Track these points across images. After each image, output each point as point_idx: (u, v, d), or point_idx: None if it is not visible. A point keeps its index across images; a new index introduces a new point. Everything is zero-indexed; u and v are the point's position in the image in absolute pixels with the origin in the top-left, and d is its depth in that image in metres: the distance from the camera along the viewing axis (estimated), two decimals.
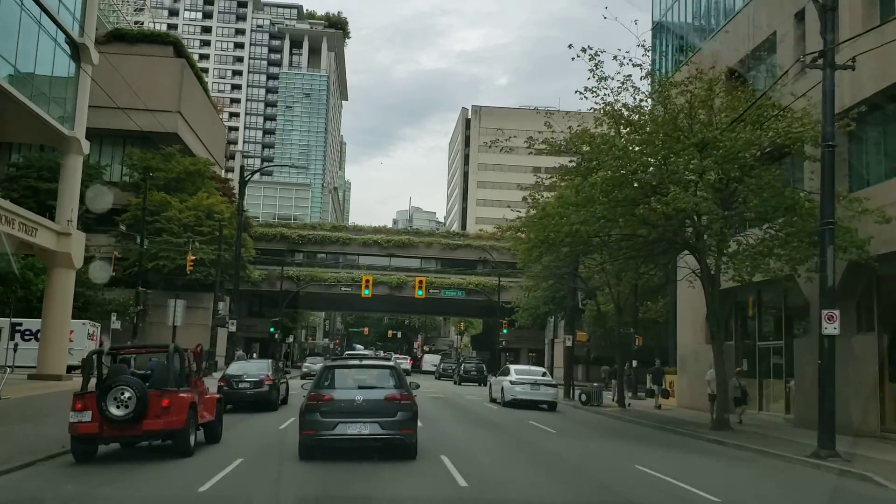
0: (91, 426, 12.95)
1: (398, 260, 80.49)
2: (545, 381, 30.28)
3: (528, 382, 29.79)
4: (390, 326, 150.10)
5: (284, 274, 74.74)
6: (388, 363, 15.78)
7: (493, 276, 77.21)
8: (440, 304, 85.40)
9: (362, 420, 13.28)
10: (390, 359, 21.07)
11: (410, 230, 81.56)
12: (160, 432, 13.51)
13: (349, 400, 13.52)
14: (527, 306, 57.34)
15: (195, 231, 56.23)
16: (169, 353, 14.29)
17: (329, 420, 13.30)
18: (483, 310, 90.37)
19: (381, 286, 75.34)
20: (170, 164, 60.25)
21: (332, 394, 13.69)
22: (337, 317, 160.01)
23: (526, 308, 57.68)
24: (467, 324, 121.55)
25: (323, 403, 13.44)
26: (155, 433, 13.51)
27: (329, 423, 13.28)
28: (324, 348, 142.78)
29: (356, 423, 13.26)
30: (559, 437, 20.45)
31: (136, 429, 13.11)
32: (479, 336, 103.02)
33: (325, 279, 74.56)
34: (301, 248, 78.57)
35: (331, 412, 13.35)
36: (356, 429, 13.24)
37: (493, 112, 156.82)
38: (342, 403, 13.46)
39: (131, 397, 12.90)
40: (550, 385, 30.27)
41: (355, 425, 13.25)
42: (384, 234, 79.82)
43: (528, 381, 29.89)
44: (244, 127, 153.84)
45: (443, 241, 79.75)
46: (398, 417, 13.44)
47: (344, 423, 13.26)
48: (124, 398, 12.92)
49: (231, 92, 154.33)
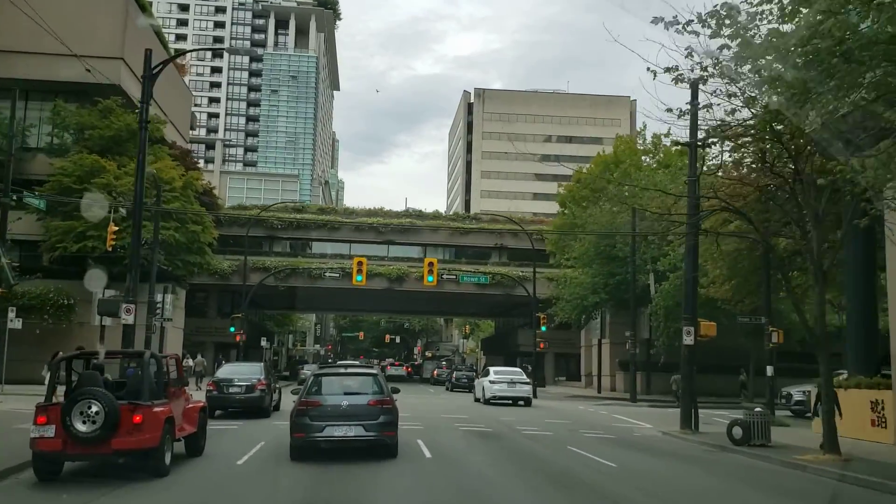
0: (54, 442, 12.03)
1: (398, 249, 67.34)
2: (521, 379, 33.79)
3: (505, 381, 33.18)
4: (388, 330, 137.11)
5: (260, 265, 61.57)
6: (372, 371, 16.87)
7: (515, 265, 64.22)
8: (448, 301, 72.07)
9: (348, 423, 14.32)
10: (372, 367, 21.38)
11: (412, 212, 68.36)
12: (131, 451, 12.40)
13: (336, 405, 14.58)
14: (571, 296, 44.00)
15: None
16: (143, 361, 13.48)
17: (317, 423, 14.30)
18: (498, 307, 77.17)
19: (377, 278, 62.16)
20: (108, 120, 47.16)
21: (321, 399, 14.74)
22: (329, 321, 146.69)
23: (569, 299, 44.35)
24: (473, 326, 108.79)
25: (312, 408, 14.45)
26: (125, 452, 12.44)
27: (318, 427, 14.27)
28: (315, 356, 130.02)
29: (342, 426, 14.29)
30: None
31: (104, 447, 12.16)
32: (492, 339, 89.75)
33: (311, 269, 61.36)
34: (281, 235, 65.33)
35: (319, 416, 14.35)
36: (342, 431, 14.28)
37: (498, 95, 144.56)
38: (329, 408, 14.52)
39: (99, 412, 11.98)
40: (525, 383, 33.88)
41: (341, 428, 14.28)
42: (381, 216, 66.69)
43: (506, 380, 33.34)
44: (225, 113, 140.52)
45: (451, 226, 66.65)
46: (380, 420, 14.47)
47: (331, 426, 14.27)
48: (91, 412, 11.99)
49: (210, 75, 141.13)
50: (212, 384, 23.84)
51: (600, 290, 41.64)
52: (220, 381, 23.76)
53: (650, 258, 38.96)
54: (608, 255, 42.35)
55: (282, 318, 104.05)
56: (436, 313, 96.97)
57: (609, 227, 41.60)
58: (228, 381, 23.58)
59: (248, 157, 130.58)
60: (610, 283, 41.69)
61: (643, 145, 50.40)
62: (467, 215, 69.14)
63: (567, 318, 47.14)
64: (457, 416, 27.28)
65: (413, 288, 62.49)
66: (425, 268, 40.84)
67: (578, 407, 35.83)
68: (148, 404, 12.55)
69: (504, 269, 63.31)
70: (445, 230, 66.52)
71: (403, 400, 20.48)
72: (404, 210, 68.25)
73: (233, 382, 23.48)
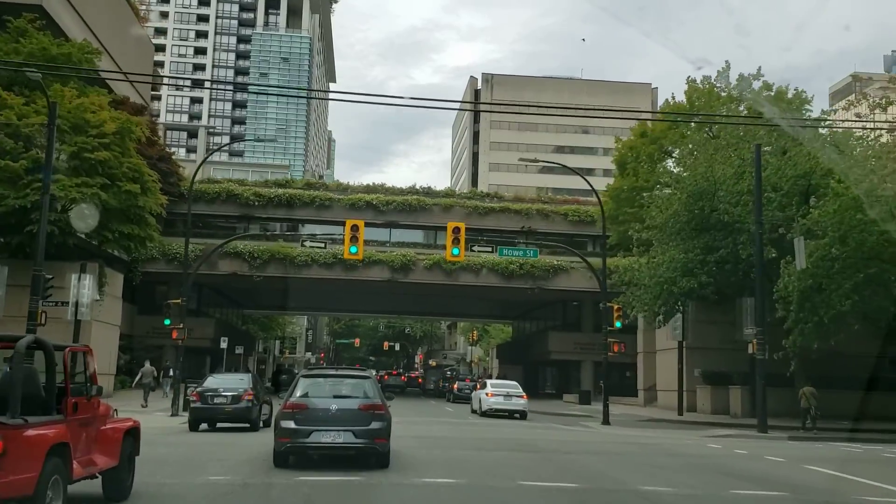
0: None
1: (402, 233, 55.23)
2: (516, 392, 33.06)
3: (501, 395, 32.75)
4: (386, 337, 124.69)
5: (231, 251, 49.42)
6: (364, 374, 15.36)
7: (546, 252, 52.17)
8: (462, 298, 59.92)
9: (336, 428, 13.27)
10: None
11: (420, 189, 56.13)
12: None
13: (325, 408, 13.50)
14: (653, 282, 31.51)
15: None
16: (15, 354, 8.47)
17: (304, 428, 13.24)
18: (521, 306, 64.98)
19: (377, 267, 50.08)
20: (18, 43, 35.19)
21: (308, 402, 13.67)
22: (323, 326, 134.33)
23: (650, 285, 31.85)
24: (481, 332, 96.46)
25: (298, 411, 13.39)
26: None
27: (304, 431, 13.23)
28: (306, 364, 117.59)
29: (331, 432, 13.26)
30: None
31: None
32: (509, 346, 77.38)
33: (292, 256, 49.19)
34: (258, 213, 53.14)
35: (306, 420, 13.30)
36: (331, 437, 13.25)
37: (507, 81, 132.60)
38: (317, 412, 13.47)
39: None
40: (520, 397, 32.88)
41: (330, 433, 13.26)
42: (381, 193, 54.53)
43: (502, 393, 32.91)
44: (210, 98, 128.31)
45: (468, 204, 54.53)
46: (372, 426, 13.37)
47: (318, 431, 13.26)
48: None
49: (194, 57, 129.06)
50: (196, 395, 22.61)
51: (697, 271, 29.29)
52: (205, 392, 22.39)
53: (781, 219, 26.75)
54: (704, 224, 30.20)
55: (267, 321, 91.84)
56: (443, 315, 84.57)
57: (706, 183, 29.50)
58: (214, 392, 22.28)
59: (234, 147, 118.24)
60: (708, 262, 29.38)
61: (726, 90, 38.26)
62: (487, 193, 57.16)
63: (643, 312, 34.85)
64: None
65: (421, 279, 50.43)
66: (449, 236, 28.60)
67: (684, 440, 23.62)
68: (16, 423, 7.82)
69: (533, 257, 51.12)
70: (460, 210, 54.38)
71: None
72: (410, 186, 56.13)
73: (218, 393, 22.18)
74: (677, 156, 37.19)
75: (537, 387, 69.68)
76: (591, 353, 54.52)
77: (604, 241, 34.08)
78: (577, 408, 42.71)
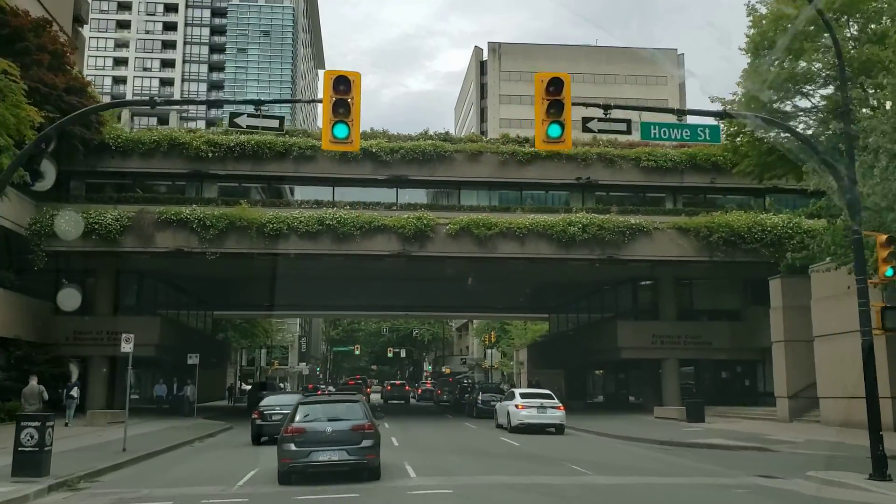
0: None
1: (412, 192, 40.64)
2: (551, 403, 28.46)
3: (533, 406, 28.22)
4: (390, 342, 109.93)
5: (175, 218, 34.93)
6: (354, 398, 17.08)
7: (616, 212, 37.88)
8: (494, 280, 45.30)
9: (332, 448, 14.65)
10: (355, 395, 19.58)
11: (437, 135, 41.50)
12: None
13: (320, 431, 14.89)
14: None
15: None
16: None
17: (303, 449, 14.64)
18: (570, 291, 50.39)
19: (382, 235, 35.55)
20: None
21: (306, 426, 15.04)
22: (319, 331, 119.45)
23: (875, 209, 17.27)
24: (500, 333, 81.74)
25: (297, 435, 14.78)
26: None
27: (303, 452, 14.63)
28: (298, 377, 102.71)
29: (327, 451, 14.63)
30: None
31: None
32: (544, 346, 62.56)
33: (260, 223, 34.63)
34: (214, 169, 38.44)
35: (304, 442, 14.70)
36: (327, 455, 14.60)
37: (517, 50, 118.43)
38: (314, 434, 14.83)
39: None
40: (556, 408, 28.27)
41: (326, 453, 14.61)
42: (384, 139, 39.86)
43: (534, 404, 28.34)
44: (181, 79, 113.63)
45: (503, 150, 39.84)
46: (363, 444, 14.74)
47: (316, 451, 14.62)
48: None
49: (163, 33, 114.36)
50: (256, 413, 24.54)
51: None
52: (264, 410, 24.18)
53: None
54: None
55: (249, 326, 77.01)
56: (458, 311, 69.51)
57: None
58: (272, 409, 23.80)
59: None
60: None
61: None
62: (527, 138, 42.58)
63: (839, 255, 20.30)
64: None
65: (442, 250, 36.05)
66: (540, 98, 13.96)
67: None
68: None
69: (601, 216, 36.57)
70: (493, 158, 39.85)
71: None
72: (422, 133, 41.45)
73: (276, 411, 23.36)
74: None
75: (584, 396, 55.05)
76: (677, 348, 40.01)
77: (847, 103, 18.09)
78: (695, 429, 28.01)
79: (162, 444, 22.92)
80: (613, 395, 53.39)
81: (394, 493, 13.55)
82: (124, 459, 18.65)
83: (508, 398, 30.91)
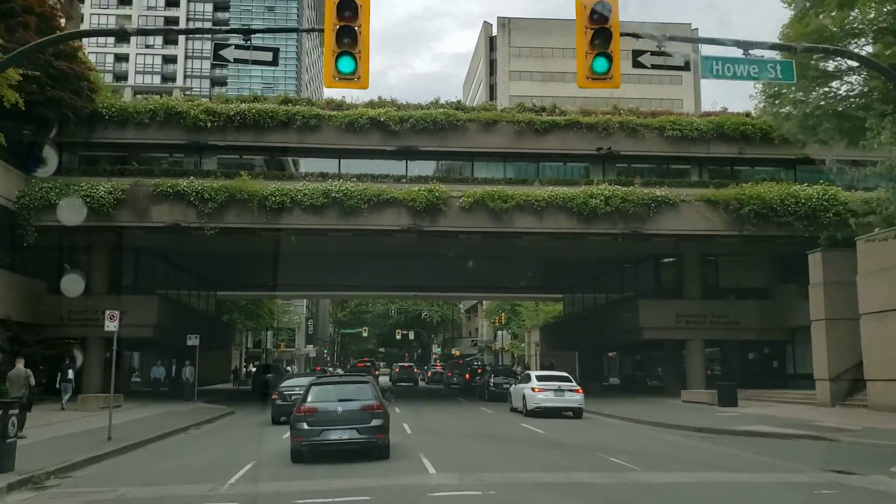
0: None
1: (422, 164, 38.50)
2: (569, 386, 27.31)
3: (551, 389, 26.92)
4: (398, 324, 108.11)
5: (171, 191, 32.94)
6: (364, 379, 17.22)
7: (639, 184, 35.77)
8: (510, 258, 43.28)
9: (342, 427, 15.05)
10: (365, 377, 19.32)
11: (449, 104, 39.32)
12: None
13: (331, 411, 15.27)
14: None
15: None
16: None
17: (315, 428, 15.02)
18: (587, 269, 48.40)
19: (391, 210, 33.48)
20: None
21: (317, 406, 15.34)
22: (326, 313, 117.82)
23: None
24: (510, 314, 79.88)
25: (309, 415, 15.13)
26: None
27: (315, 431, 15.01)
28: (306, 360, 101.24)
29: (337, 430, 15.02)
30: None
31: None
32: (558, 328, 60.53)
33: (262, 196, 32.60)
34: (213, 139, 36.34)
35: (316, 422, 15.06)
36: (338, 434, 14.99)
37: (527, 25, 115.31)
38: (325, 414, 15.19)
39: None
40: (574, 391, 27.04)
41: (336, 432, 15.00)
42: (393, 108, 37.67)
43: (552, 387, 27.03)
44: (185, 56, 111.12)
45: (519, 119, 37.62)
46: (373, 424, 15.14)
47: (327, 430, 15.00)
48: None
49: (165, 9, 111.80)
50: (276, 393, 25.00)
51: None
52: (284, 390, 24.63)
53: None
54: None
55: (255, 308, 75.16)
56: (469, 291, 67.33)
57: None
58: (291, 391, 23.81)
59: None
60: None
61: None
62: (544, 107, 40.28)
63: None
64: None
65: (455, 225, 33.97)
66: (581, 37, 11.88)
67: None
68: None
69: (622, 188, 34.39)
70: (508, 127, 37.63)
71: None
72: (433, 101, 39.21)
73: (295, 391, 23.04)
74: None
75: (599, 378, 53.14)
76: (702, 328, 37.91)
77: None
78: (730, 414, 25.94)
79: (154, 431, 21.04)
80: (630, 378, 51.45)
81: (411, 495, 11.44)
82: (107, 450, 16.75)
83: (524, 381, 29.79)
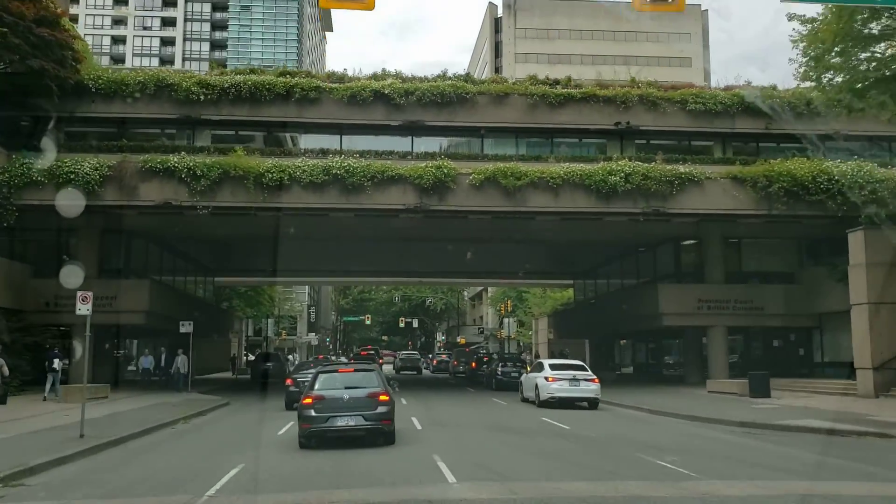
0: None
1: (429, 141, 36.27)
2: (585, 375, 26.30)
3: (565, 379, 25.87)
4: (402, 312, 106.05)
5: (160, 167, 30.77)
6: (370, 367, 17.47)
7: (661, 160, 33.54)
8: (521, 240, 41.14)
9: (349, 413, 15.39)
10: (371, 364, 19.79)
11: (457, 76, 37.18)
12: None
13: (338, 398, 15.59)
14: None
15: None
16: None
17: (322, 415, 15.35)
18: (599, 253, 46.28)
19: (396, 187, 31.33)
20: None
21: (324, 393, 15.67)
22: (328, 300, 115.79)
23: None
24: (515, 302, 77.89)
25: (316, 402, 15.47)
26: None
27: (322, 418, 15.35)
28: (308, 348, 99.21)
29: (344, 417, 15.36)
30: None
31: None
32: (569, 315, 58.42)
33: (258, 173, 30.43)
34: (207, 113, 34.12)
35: (323, 408, 15.41)
36: (344, 421, 15.34)
37: (534, 6, 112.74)
38: (332, 401, 15.51)
39: None
40: (590, 380, 26.01)
41: (343, 418, 15.35)
42: (396, 80, 35.44)
43: (566, 377, 25.96)
44: (183, 38, 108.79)
45: (532, 92, 35.43)
46: (378, 410, 15.51)
47: (334, 417, 15.34)
48: None
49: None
50: (290, 381, 25.72)
51: None
52: (298, 378, 25.05)
53: None
54: None
55: (255, 295, 73.10)
56: (475, 276, 64.99)
57: None
58: (304, 378, 23.23)
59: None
60: None
61: None
62: (558, 80, 38.11)
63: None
64: None
65: (464, 204, 31.81)
66: None
67: None
68: None
69: (643, 164, 32.18)
70: (521, 100, 35.44)
71: None
72: (440, 74, 36.98)
73: (308, 379, 21.47)
74: None
75: (612, 366, 51.06)
76: (725, 314, 35.78)
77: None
78: (767, 406, 23.82)
79: (135, 426, 18.97)
80: (644, 366, 49.41)
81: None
82: (76, 450, 14.68)
83: (536, 369, 28.57)
